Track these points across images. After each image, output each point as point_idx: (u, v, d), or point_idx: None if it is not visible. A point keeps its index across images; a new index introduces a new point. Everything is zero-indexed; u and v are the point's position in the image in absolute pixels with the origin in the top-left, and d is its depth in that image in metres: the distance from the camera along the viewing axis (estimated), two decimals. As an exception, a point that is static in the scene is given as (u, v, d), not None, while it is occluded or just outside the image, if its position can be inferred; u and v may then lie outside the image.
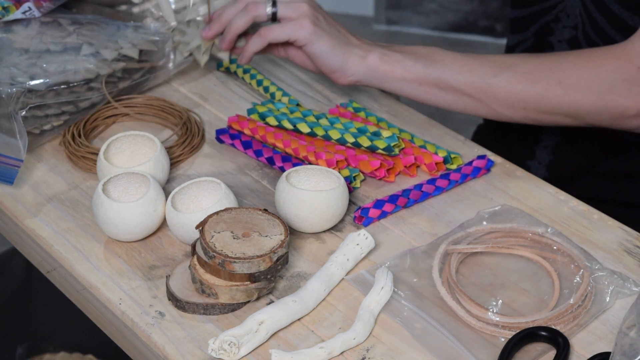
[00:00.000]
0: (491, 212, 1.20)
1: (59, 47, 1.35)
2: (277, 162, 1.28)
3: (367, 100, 1.43)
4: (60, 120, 1.33)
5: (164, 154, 1.25)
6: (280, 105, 1.34)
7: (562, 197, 1.25)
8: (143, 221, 1.16)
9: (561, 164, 1.49)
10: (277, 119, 1.31)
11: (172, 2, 1.46)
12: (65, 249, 1.18)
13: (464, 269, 1.15)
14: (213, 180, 1.19)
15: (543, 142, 1.50)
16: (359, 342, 1.06)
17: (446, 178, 1.26)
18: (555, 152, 1.49)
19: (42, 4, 1.40)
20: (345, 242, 1.15)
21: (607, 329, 1.08)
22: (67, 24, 1.41)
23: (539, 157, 1.51)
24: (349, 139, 1.27)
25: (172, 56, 1.42)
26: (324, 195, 1.17)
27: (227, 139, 1.32)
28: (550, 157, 1.50)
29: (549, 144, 1.49)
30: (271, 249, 1.09)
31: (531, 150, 1.51)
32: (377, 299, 1.09)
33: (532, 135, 1.50)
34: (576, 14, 1.40)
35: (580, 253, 1.14)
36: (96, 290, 1.13)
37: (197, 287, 1.10)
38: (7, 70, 1.30)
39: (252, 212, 1.13)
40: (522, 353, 1.05)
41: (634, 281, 1.12)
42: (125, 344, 1.13)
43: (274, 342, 1.06)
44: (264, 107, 1.33)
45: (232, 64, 1.47)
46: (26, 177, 1.28)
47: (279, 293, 1.12)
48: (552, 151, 1.49)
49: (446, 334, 1.07)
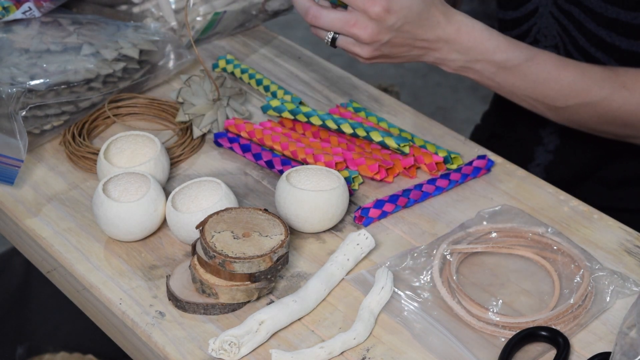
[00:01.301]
0: (491, 212, 1.20)
1: (59, 47, 1.35)
2: (277, 166, 1.27)
3: (367, 100, 1.43)
4: (60, 120, 1.33)
5: (164, 154, 1.25)
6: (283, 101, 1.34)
7: (562, 197, 1.25)
8: (143, 221, 1.16)
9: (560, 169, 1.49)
10: (292, 113, 1.31)
11: (172, 2, 1.46)
12: (66, 249, 1.18)
13: (464, 269, 1.15)
14: (213, 180, 1.19)
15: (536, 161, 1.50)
16: (359, 342, 1.06)
17: (446, 178, 1.26)
18: (548, 170, 1.49)
19: (43, 4, 1.40)
20: (345, 242, 1.15)
21: (607, 329, 1.08)
22: (67, 24, 1.41)
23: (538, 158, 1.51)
24: (361, 133, 1.28)
25: (172, 56, 1.42)
26: (324, 195, 1.17)
27: (225, 143, 1.32)
28: (543, 174, 1.50)
29: (542, 162, 1.50)
30: (271, 249, 1.09)
31: (531, 150, 1.51)
32: (377, 299, 1.09)
33: (531, 138, 1.50)
34: (554, 34, 1.41)
35: (581, 253, 1.14)
36: (96, 290, 1.13)
37: (197, 287, 1.10)
38: (7, 70, 1.30)
39: (252, 212, 1.13)
40: (522, 353, 1.05)
41: (634, 281, 1.12)
42: (126, 344, 1.13)
43: (274, 342, 1.06)
44: (277, 102, 1.33)
45: (228, 64, 1.47)
46: (26, 177, 1.28)
47: (279, 293, 1.12)
48: (545, 169, 1.50)
49: (446, 334, 1.07)
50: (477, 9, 3.46)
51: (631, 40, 1.34)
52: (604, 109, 1.28)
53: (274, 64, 1.50)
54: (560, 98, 1.28)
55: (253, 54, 1.53)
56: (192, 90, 1.34)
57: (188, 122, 1.34)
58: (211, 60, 1.50)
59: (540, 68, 1.26)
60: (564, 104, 1.28)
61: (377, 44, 1.20)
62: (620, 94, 1.27)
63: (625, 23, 1.33)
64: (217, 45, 1.54)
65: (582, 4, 1.35)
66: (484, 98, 3.24)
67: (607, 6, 1.33)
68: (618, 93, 1.27)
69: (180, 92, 1.35)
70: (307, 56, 1.52)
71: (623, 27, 1.33)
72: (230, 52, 1.52)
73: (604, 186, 1.47)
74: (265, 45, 1.55)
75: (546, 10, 1.40)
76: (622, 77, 1.27)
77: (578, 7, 1.36)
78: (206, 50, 1.53)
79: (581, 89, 1.27)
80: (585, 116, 1.29)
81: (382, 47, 1.21)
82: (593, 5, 1.34)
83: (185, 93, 1.35)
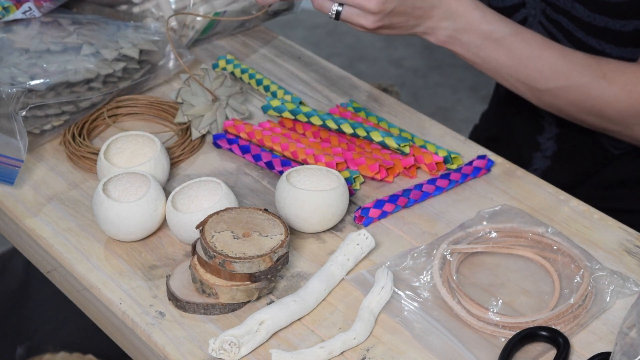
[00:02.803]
0: (491, 212, 1.20)
1: (59, 47, 1.35)
2: (277, 167, 1.27)
3: (367, 101, 1.43)
4: (60, 120, 1.33)
5: (164, 154, 1.25)
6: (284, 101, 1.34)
7: (562, 197, 1.25)
8: (143, 221, 1.16)
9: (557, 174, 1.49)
10: (293, 113, 1.31)
11: (172, 2, 1.46)
12: (66, 249, 1.18)
13: (464, 269, 1.15)
14: (213, 180, 1.19)
15: (534, 166, 1.50)
16: (359, 342, 1.06)
17: (446, 178, 1.26)
18: (546, 175, 1.50)
19: (43, 4, 1.40)
20: (345, 242, 1.15)
21: (607, 329, 1.08)
22: (67, 24, 1.41)
23: (536, 163, 1.51)
24: (361, 133, 1.28)
25: (172, 56, 1.42)
26: (324, 195, 1.17)
27: (224, 144, 1.32)
28: (547, 163, 1.50)
29: (539, 167, 1.50)
30: (271, 249, 1.09)
31: (529, 156, 1.51)
32: (377, 299, 1.09)
33: (522, 158, 1.51)
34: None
35: (581, 253, 1.14)
36: (96, 290, 1.13)
37: (197, 287, 1.10)
38: (8, 71, 1.30)
39: (252, 212, 1.13)
40: (522, 353, 1.05)
41: (634, 281, 1.12)
42: (126, 344, 1.13)
43: (274, 342, 1.06)
44: (277, 102, 1.33)
45: (228, 64, 1.47)
46: (26, 177, 1.28)
47: (279, 293, 1.12)
48: (543, 174, 1.50)
49: (446, 334, 1.07)
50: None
51: (621, 47, 1.35)
52: (583, 96, 1.28)
53: (274, 64, 1.50)
54: (541, 79, 1.28)
55: (253, 54, 1.53)
56: (192, 90, 1.34)
57: (187, 123, 1.34)
58: (211, 60, 1.50)
59: (525, 45, 1.27)
60: (544, 87, 1.28)
61: (382, 13, 1.22)
62: (599, 83, 1.27)
63: (614, 31, 1.33)
64: (217, 45, 1.55)
65: (570, 14, 1.35)
66: (484, 98, 3.24)
67: (595, 15, 1.33)
68: (597, 82, 1.27)
69: (180, 92, 1.35)
70: (307, 56, 1.53)
71: (612, 35, 1.34)
72: (230, 52, 1.52)
73: (601, 189, 1.47)
74: (265, 45, 1.55)
75: (535, 20, 1.41)
76: (603, 67, 1.27)
77: (566, 17, 1.36)
78: (206, 50, 1.53)
79: (562, 72, 1.27)
80: (564, 101, 1.30)
81: (386, 17, 1.23)
82: (581, 15, 1.34)
83: (185, 93, 1.34)
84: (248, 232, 1.10)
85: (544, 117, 1.48)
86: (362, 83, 1.47)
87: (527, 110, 1.48)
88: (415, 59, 3.46)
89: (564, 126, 1.47)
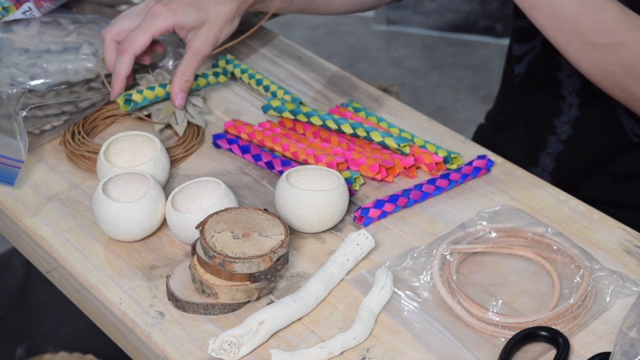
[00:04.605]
0: (491, 212, 1.20)
1: (59, 47, 1.36)
2: (277, 167, 1.27)
3: (367, 101, 1.43)
4: (60, 120, 1.33)
5: (164, 153, 1.25)
6: (284, 101, 1.34)
7: (562, 197, 1.25)
8: (143, 221, 1.16)
9: (565, 171, 1.48)
10: (293, 113, 1.31)
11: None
12: (66, 249, 1.18)
13: (464, 269, 1.15)
14: (213, 180, 1.19)
15: (547, 149, 1.50)
16: (359, 342, 1.06)
17: (446, 178, 1.26)
18: (558, 159, 1.49)
19: (42, 4, 1.40)
20: (345, 242, 1.15)
21: (607, 329, 1.08)
22: (67, 23, 1.41)
23: (542, 164, 1.50)
24: (361, 133, 1.28)
25: (171, 56, 1.42)
26: (324, 195, 1.17)
27: (224, 144, 1.32)
28: (554, 164, 1.49)
29: (553, 150, 1.49)
30: (271, 249, 1.09)
31: (535, 156, 1.50)
32: (377, 299, 1.09)
33: (536, 142, 1.50)
34: None
35: (581, 253, 1.14)
36: (96, 290, 1.13)
37: (197, 287, 1.10)
38: (7, 71, 1.30)
39: (252, 212, 1.13)
40: (522, 353, 1.05)
41: (634, 281, 1.12)
42: (125, 344, 1.13)
43: (274, 342, 1.06)
44: (277, 102, 1.33)
45: (228, 64, 1.47)
46: (26, 177, 1.28)
47: (279, 293, 1.12)
48: (556, 158, 1.49)
49: (446, 334, 1.07)
50: (477, 8, 3.46)
51: None
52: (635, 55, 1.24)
53: (274, 64, 1.50)
54: (600, 33, 1.23)
55: (253, 54, 1.53)
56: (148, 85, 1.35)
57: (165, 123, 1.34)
58: (211, 60, 1.50)
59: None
60: (601, 41, 1.23)
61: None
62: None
63: None
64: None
65: None
66: (484, 98, 3.24)
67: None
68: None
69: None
70: (307, 56, 1.53)
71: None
72: (230, 52, 1.52)
73: (612, 180, 1.46)
74: (265, 45, 1.55)
75: None
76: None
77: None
78: (206, 50, 1.53)
79: (621, 28, 1.23)
80: (616, 61, 1.24)
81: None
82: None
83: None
84: (248, 232, 1.10)
85: (565, 99, 1.46)
86: (362, 83, 1.47)
87: (547, 92, 1.45)
88: (415, 59, 3.47)
89: (586, 109, 1.43)
